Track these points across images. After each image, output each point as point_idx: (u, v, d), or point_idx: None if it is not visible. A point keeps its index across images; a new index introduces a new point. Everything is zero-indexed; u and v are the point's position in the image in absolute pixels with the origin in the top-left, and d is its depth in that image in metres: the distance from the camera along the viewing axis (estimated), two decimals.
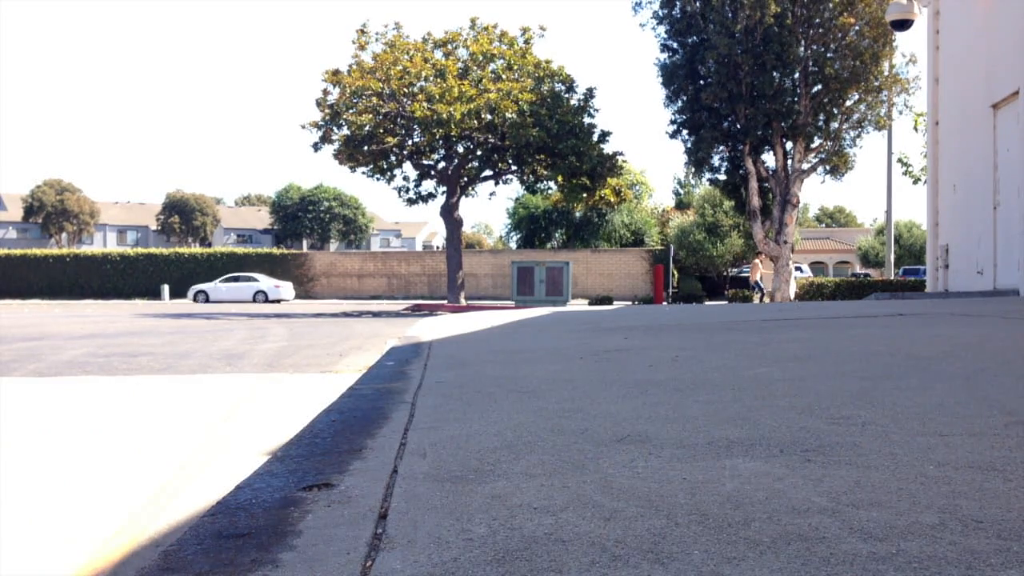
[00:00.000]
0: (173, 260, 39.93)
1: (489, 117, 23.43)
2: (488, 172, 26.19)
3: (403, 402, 3.36)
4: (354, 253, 41.63)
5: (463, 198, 26.07)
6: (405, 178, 26.19)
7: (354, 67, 24.49)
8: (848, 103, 20.06)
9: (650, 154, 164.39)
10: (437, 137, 23.56)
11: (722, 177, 21.75)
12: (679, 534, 1.63)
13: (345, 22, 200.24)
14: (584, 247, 41.79)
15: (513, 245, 48.56)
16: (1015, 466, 2.08)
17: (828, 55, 19.54)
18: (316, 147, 24.82)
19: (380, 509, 1.85)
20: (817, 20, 19.51)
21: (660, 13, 20.84)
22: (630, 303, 30.51)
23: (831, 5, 19.22)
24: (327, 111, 24.25)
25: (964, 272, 13.44)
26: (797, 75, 19.90)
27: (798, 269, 38.77)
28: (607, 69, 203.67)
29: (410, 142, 24.74)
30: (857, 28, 19.33)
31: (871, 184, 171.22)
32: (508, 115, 23.32)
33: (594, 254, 37.78)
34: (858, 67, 19.21)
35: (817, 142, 20.57)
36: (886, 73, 19.75)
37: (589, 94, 25.17)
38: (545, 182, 26.16)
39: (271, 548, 1.64)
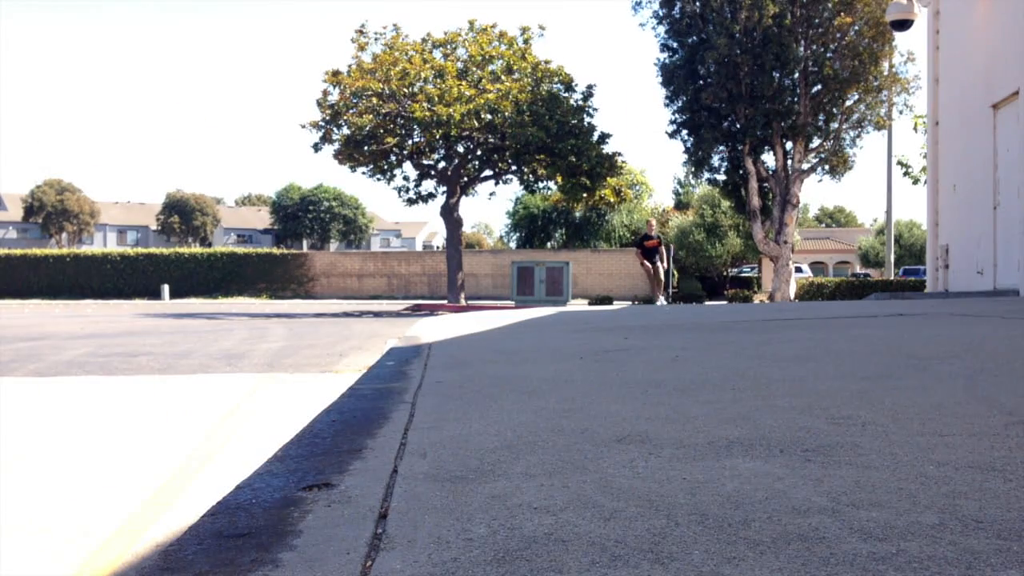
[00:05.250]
0: (173, 260, 39.89)
1: (489, 117, 23.43)
2: (488, 172, 26.18)
3: (403, 402, 3.36)
4: (354, 253, 41.61)
5: (463, 198, 26.06)
6: (405, 178, 26.20)
7: (354, 68, 24.50)
8: (848, 103, 20.05)
9: (650, 154, 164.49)
10: (437, 137, 23.56)
11: (722, 177, 21.75)
12: (679, 534, 1.63)
13: (345, 22, 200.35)
14: (584, 247, 41.77)
15: (513, 245, 48.54)
16: (1015, 466, 2.08)
17: (827, 55, 19.54)
18: (316, 147, 24.82)
19: (380, 509, 1.85)
20: (816, 20, 19.51)
21: (660, 13, 20.83)
22: (630, 303, 30.51)
23: (830, 5, 19.23)
24: (327, 111, 24.25)
25: (964, 272, 13.44)
26: (796, 75, 19.90)
27: (798, 269, 38.76)
28: (607, 69, 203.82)
29: (410, 142, 24.72)
30: (856, 28, 19.34)
31: (871, 184, 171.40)
32: (508, 115, 23.32)
33: (594, 254, 37.76)
34: (857, 67, 19.21)
35: (817, 142, 20.57)
36: (885, 73, 19.76)
37: (588, 92, 25.16)
38: (545, 182, 26.15)
39: (271, 548, 1.64)
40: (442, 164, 25.94)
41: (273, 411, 5.05)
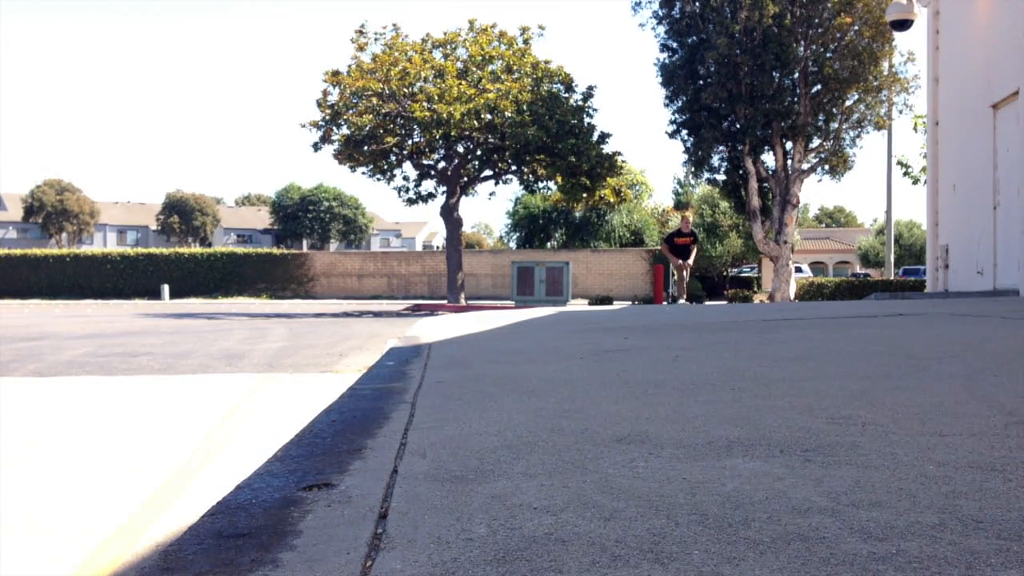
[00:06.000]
0: (173, 260, 39.89)
1: (489, 117, 23.43)
2: (488, 172, 26.18)
3: (403, 402, 3.36)
4: (354, 253, 41.60)
5: (463, 198, 26.07)
6: (405, 178, 26.20)
7: (354, 68, 24.50)
8: (848, 103, 20.06)
9: (650, 154, 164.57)
10: (437, 137, 23.56)
11: (722, 177, 21.76)
12: (679, 534, 1.63)
13: (345, 22, 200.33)
14: (584, 247, 41.76)
15: (513, 245, 48.52)
16: (1015, 466, 2.08)
17: (827, 55, 19.55)
18: (316, 147, 24.82)
19: (380, 509, 1.85)
20: (816, 20, 19.52)
21: (659, 13, 20.84)
22: (630, 303, 30.51)
23: (830, 5, 19.23)
24: (327, 111, 24.26)
25: (964, 272, 13.44)
26: (796, 75, 19.90)
27: (798, 269, 38.75)
28: (607, 69, 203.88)
29: (410, 142, 24.73)
30: (856, 28, 19.34)
31: (871, 184, 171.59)
32: (508, 114, 23.33)
33: (594, 254, 37.77)
34: (857, 67, 19.21)
35: (817, 142, 20.57)
36: (885, 73, 19.76)
37: (588, 93, 25.17)
38: (545, 182, 26.16)
39: (271, 548, 1.64)
40: (442, 164, 25.94)
41: (273, 411, 5.05)
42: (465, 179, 26.00)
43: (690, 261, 17.76)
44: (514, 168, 25.80)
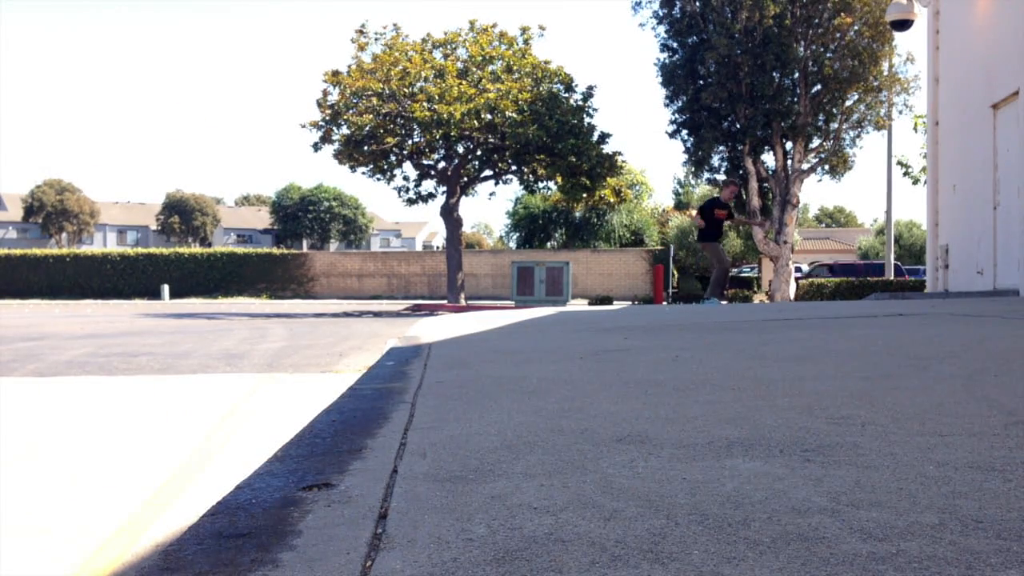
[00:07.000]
0: (173, 260, 39.90)
1: (489, 117, 23.45)
2: (488, 172, 26.20)
3: (403, 402, 3.36)
4: (354, 253, 41.62)
5: (463, 198, 26.08)
6: (405, 178, 26.21)
7: (354, 68, 24.52)
8: (848, 103, 20.07)
9: (650, 154, 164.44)
10: (437, 137, 23.57)
11: (722, 177, 21.75)
12: (679, 534, 1.63)
13: (345, 22, 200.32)
14: (584, 247, 41.77)
15: (513, 245, 48.55)
16: (1015, 466, 2.08)
17: (827, 55, 19.55)
18: (316, 147, 24.83)
19: (380, 509, 1.85)
20: (816, 20, 19.53)
21: (660, 13, 20.85)
22: (630, 303, 30.51)
23: (830, 5, 19.23)
24: (327, 111, 24.27)
25: (964, 272, 13.44)
26: (796, 75, 19.90)
27: (798, 269, 38.72)
28: (607, 69, 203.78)
29: (410, 142, 24.75)
30: (856, 28, 19.35)
31: (871, 184, 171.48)
32: (508, 114, 23.35)
33: (594, 254, 37.77)
34: (857, 67, 19.21)
35: (817, 142, 20.58)
36: (885, 73, 19.77)
37: (588, 93, 25.18)
38: (545, 182, 26.18)
39: (271, 548, 1.64)
40: (442, 164, 25.96)
41: (273, 411, 5.05)
42: (465, 179, 26.01)
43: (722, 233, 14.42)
44: (514, 168, 25.81)
